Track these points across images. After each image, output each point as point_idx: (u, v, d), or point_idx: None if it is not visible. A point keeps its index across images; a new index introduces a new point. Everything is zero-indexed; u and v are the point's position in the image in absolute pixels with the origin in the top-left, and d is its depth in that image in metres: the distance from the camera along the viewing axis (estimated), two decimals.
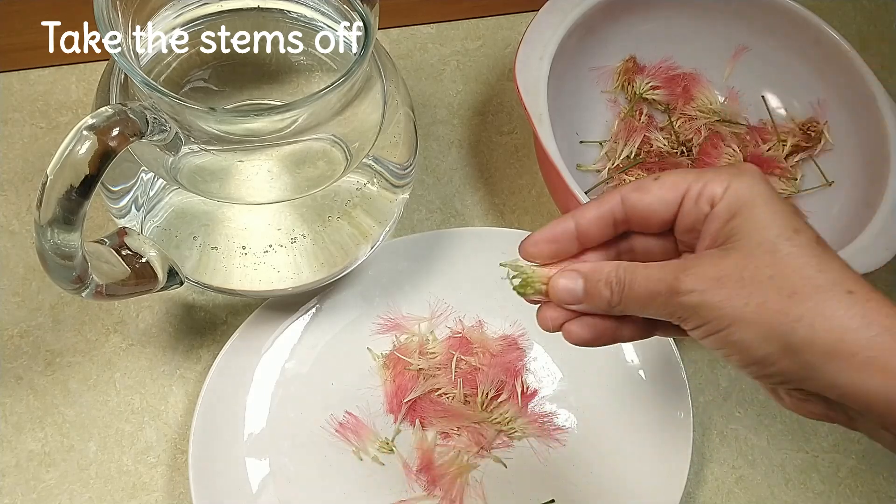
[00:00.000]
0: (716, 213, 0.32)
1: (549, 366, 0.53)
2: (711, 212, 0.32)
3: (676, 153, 0.60)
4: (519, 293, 0.35)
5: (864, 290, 0.30)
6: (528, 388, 0.52)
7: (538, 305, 0.36)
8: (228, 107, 0.48)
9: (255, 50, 0.46)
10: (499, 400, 0.52)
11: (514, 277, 0.35)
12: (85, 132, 0.34)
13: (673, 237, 0.35)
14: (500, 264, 0.35)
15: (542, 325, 0.36)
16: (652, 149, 0.60)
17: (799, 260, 0.30)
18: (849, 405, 0.30)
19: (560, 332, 0.35)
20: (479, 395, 0.51)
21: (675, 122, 0.61)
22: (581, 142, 0.61)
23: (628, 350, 0.54)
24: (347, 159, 0.44)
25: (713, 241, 0.32)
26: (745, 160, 0.59)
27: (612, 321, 0.35)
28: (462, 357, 0.52)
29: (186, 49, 0.45)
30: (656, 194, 0.33)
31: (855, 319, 0.29)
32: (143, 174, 0.43)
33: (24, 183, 0.57)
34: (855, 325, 0.29)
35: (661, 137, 0.60)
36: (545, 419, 0.52)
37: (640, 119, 0.61)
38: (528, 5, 0.67)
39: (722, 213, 0.32)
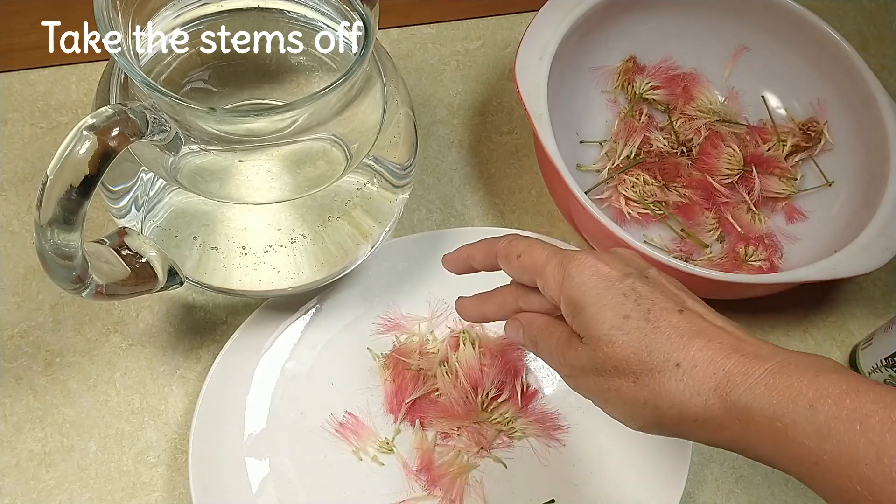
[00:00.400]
0: (563, 312, 0.37)
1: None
2: (563, 310, 0.37)
3: (676, 153, 0.60)
4: None
5: (688, 358, 0.33)
6: (528, 388, 0.52)
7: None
8: (228, 107, 0.48)
9: (255, 50, 0.46)
10: (499, 400, 0.52)
11: None
12: (85, 132, 0.34)
13: None
14: None
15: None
16: (652, 149, 0.60)
17: (631, 346, 0.34)
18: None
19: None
20: (479, 395, 0.51)
21: (675, 122, 0.61)
22: (581, 142, 0.61)
23: None
24: (347, 159, 0.44)
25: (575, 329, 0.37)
26: (745, 160, 0.59)
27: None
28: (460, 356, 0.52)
29: (186, 49, 0.45)
30: (533, 302, 0.40)
31: (686, 392, 0.33)
32: (143, 174, 0.43)
33: (24, 183, 0.57)
34: (686, 397, 0.33)
35: (661, 137, 0.60)
36: (545, 419, 0.52)
37: (640, 119, 0.61)
38: (528, 5, 0.67)
39: (567, 313, 0.37)
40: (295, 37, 0.45)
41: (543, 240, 0.40)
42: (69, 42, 0.59)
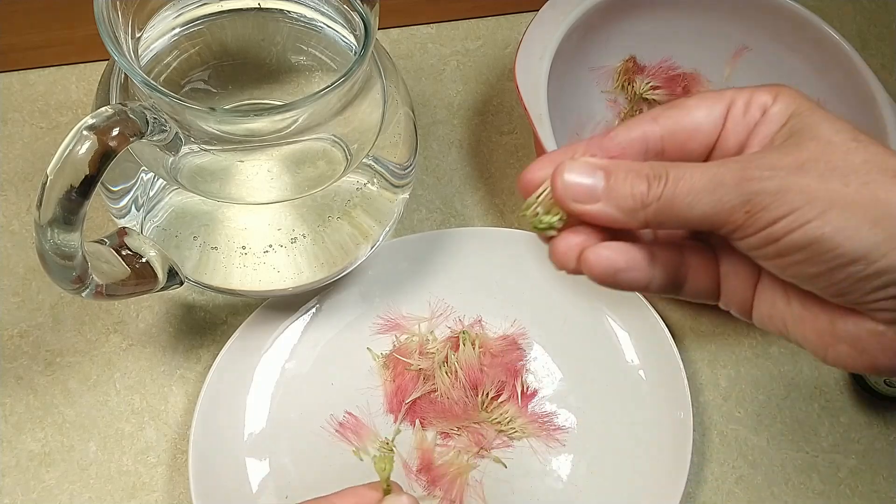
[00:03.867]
0: (770, 116, 0.27)
1: (549, 366, 0.53)
2: (763, 117, 0.27)
3: None
4: (535, 226, 0.28)
5: None
6: (528, 388, 0.52)
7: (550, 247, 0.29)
8: (228, 107, 0.48)
9: (255, 50, 0.47)
10: (499, 400, 0.52)
11: (528, 209, 0.28)
12: (85, 132, 0.34)
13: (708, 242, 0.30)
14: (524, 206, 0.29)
15: (557, 258, 0.28)
16: None
17: (887, 150, 0.26)
18: None
19: (586, 280, 0.28)
20: (479, 395, 0.51)
21: None
22: None
23: (628, 350, 0.54)
24: (347, 159, 0.44)
25: (770, 144, 0.27)
26: None
27: (645, 251, 0.28)
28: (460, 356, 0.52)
29: (186, 49, 0.45)
30: (699, 111, 0.28)
31: None
32: (143, 174, 0.43)
33: (24, 183, 0.57)
34: None
35: None
36: (545, 419, 0.52)
37: None
38: (528, 5, 0.67)
39: (777, 116, 0.27)
40: (295, 37, 0.45)
41: None
42: (69, 42, 0.59)
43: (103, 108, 0.35)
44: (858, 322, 0.27)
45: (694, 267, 0.29)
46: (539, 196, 0.28)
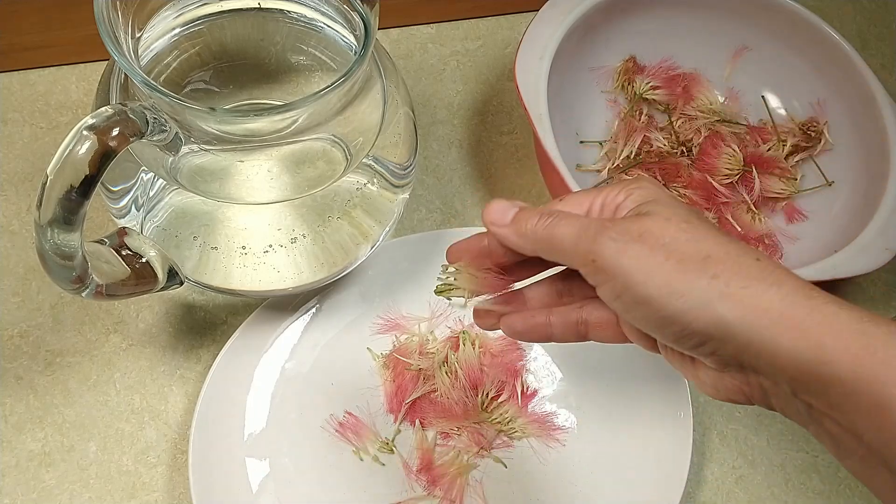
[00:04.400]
0: (620, 210, 0.33)
1: (549, 366, 0.53)
2: (617, 210, 0.33)
3: (676, 153, 0.60)
4: (440, 291, 0.37)
5: (769, 260, 0.30)
6: (528, 388, 0.52)
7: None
8: (228, 107, 0.48)
9: (255, 50, 0.47)
10: (499, 400, 0.52)
11: (445, 281, 0.36)
12: (85, 132, 0.34)
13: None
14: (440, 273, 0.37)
15: (479, 322, 0.38)
16: (652, 149, 0.60)
17: (710, 232, 0.31)
18: (762, 370, 0.30)
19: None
20: (479, 395, 0.51)
21: (675, 122, 0.61)
22: (581, 142, 0.61)
23: (628, 349, 0.54)
24: (347, 159, 0.44)
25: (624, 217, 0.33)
26: (745, 160, 0.59)
27: (543, 317, 0.36)
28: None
29: (186, 49, 0.45)
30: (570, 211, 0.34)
31: (765, 281, 0.29)
32: (143, 174, 0.43)
33: (24, 183, 0.57)
34: (766, 285, 0.29)
35: (661, 137, 0.60)
36: (545, 419, 0.52)
37: (640, 119, 0.61)
38: (528, 5, 0.67)
39: (629, 206, 0.33)
40: (295, 37, 0.45)
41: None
42: (69, 42, 0.59)
43: (103, 108, 0.35)
44: (702, 366, 0.32)
45: (595, 321, 0.35)
46: (455, 269, 0.36)
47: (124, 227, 0.44)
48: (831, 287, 0.60)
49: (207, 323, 0.54)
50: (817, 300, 0.30)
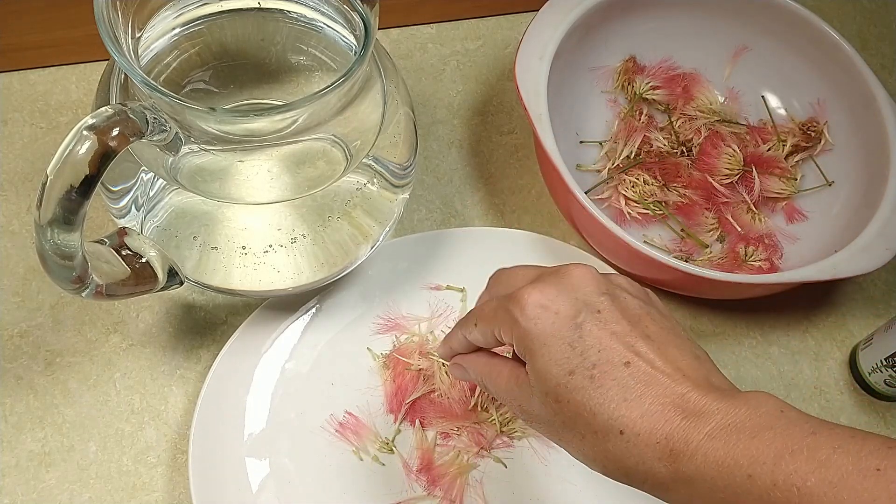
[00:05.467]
0: (518, 353, 0.37)
1: None
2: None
3: (676, 153, 0.60)
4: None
5: (630, 426, 0.33)
6: None
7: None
8: (228, 107, 0.48)
9: (255, 50, 0.47)
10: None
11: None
12: (85, 132, 0.34)
13: None
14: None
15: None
16: (652, 149, 0.60)
17: (575, 407, 0.34)
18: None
19: None
20: (479, 395, 0.51)
21: (675, 122, 0.61)
22: (581, 142, 0.61)
23: None
24: (347, 159, 0.44)
25: None
26: (745, 160, 0.59)
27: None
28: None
29: (186, 49, 0.45)
30: (478, 337, 0.40)
31: (631, 458, 0.33)
32: (143, 174, 0.43)
33: (24, 183, 0.57)
34: (632, 463, 0.33)
35: (661, 137, 0.60)
36: None
37: (640, 119, 0.61)
38: (528, 5, 0.67)
39: (521, 356, 0.37)
40: (295, 37, 0.45)
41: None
42: (69, 42, 0.59)
43: (103, 108, 0.35)
44: None
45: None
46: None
47: (124, 227, 0.44)
48: (831, 287, 0.60)
49: (207, 323, 0.54)
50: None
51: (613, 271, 0.54)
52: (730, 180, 0.59)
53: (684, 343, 0.36)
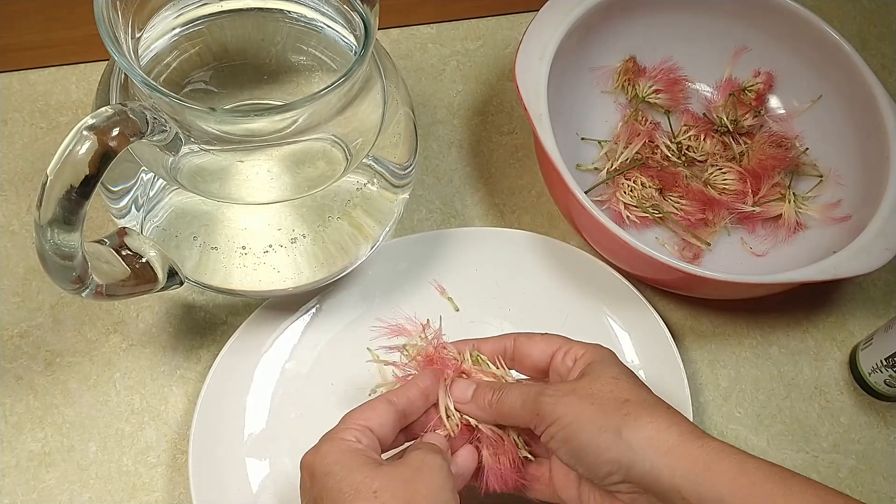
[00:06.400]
0: (577, 365, 0.42)
1: None
2: (573, 366, 0.42)
3: (678, 163, 0.60)
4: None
5: (676, 414, 0.39)
6: None
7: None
8: (228, 107, 0.48)
9: (255, 50, 0.47)
10: None
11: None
12: (85, 132, 0.34)
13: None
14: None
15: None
16: (654, 155, 0.59)
17: (633, 385, 0.40)
18: (662, 492, 0.37)
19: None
20: None
21: (678, 135, 0.61)
22: (583, 138, 0.60)
23: (628, 350, 0.54)
24: (347, 159, 0.44)
25: (569, 377, 0.42)
26: (742, 170, 0.59)
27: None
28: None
29: (186, 49, 0.45)
30: (538, 346, 0.44)
31: (670, 420, 0.38)
32: (143, 174, 0.43)
33: (24, 183, 0.57)
34: (668, 423, 0.38)
35: (666, 142, 0.60)
36: None
37: (644, 123, 0.61)
38: (528, 5, 0.67)
39: (580, 364, 0.42)
40: (295, 37, 0.45)
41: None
42: (69, 42, 0.59)
43: (103, 108, 0.35)
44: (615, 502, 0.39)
45: (530, 475, 0.44)
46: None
47: (124, 227, 0.44)
48: (831, 287, 0.60)
49: (207, 323, 0.54)
50: (706, 439, 0.37)
51: (622, 277, 0.54)
52: (730, 192, 0.58)
53: None
